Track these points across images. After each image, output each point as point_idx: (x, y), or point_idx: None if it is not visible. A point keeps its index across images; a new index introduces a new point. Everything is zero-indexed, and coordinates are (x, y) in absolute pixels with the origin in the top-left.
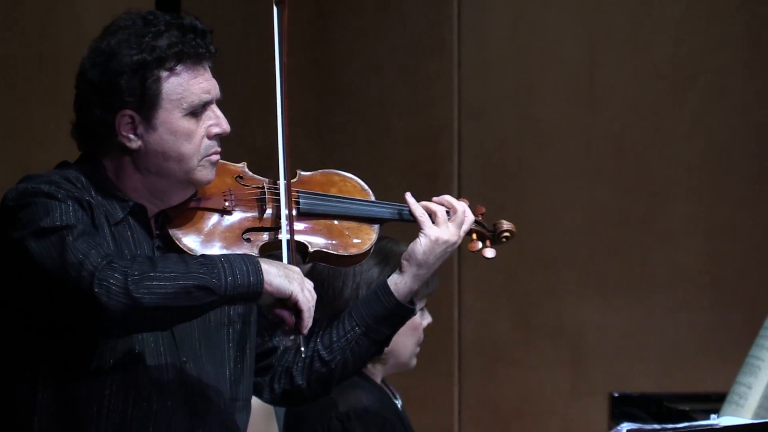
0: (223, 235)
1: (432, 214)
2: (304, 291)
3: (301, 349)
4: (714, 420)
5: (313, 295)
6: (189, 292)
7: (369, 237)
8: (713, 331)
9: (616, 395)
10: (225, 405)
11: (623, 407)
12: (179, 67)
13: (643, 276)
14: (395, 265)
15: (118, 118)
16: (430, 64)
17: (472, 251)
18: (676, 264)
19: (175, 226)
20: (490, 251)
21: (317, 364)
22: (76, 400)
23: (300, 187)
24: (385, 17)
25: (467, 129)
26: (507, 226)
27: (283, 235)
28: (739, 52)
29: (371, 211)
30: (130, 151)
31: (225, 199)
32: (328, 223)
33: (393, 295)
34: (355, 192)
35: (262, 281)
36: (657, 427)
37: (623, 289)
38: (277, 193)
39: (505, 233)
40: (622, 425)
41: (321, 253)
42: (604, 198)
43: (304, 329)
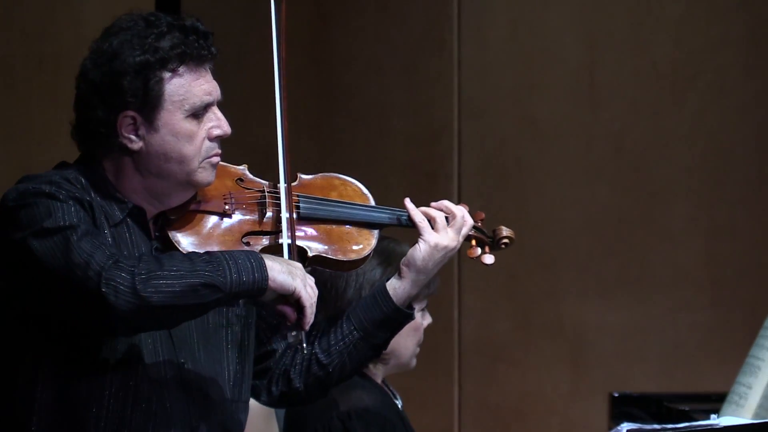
0: (222, 238)
1: (431, 220)
2: (307, 287)
3: (303, 345)
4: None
5: (315, 291)
6: (196, 290)
7: (368, 242)
8: (713, 331)
9: (616, 395)
10: (223, 406)
11: (623, 407)
12: (182, 69)
13: (643, 276)
14: (398, 266)
15: (119, 118)
16: (430, 64)
17: (471, 257)
18: (676, 264)
19: (175, 229)
20: (489, 257)
21: (315, 368)
22: (76, 400)
23: (300, 191)
24: (385, 17)
25: (467, 129)
26: (506, 232)
27: (284, 239)
28: (739, 52)
29: (371, 217)
30: (131, 152)
31: (225, 202)
32: (328, 227)
33: (391, 300)
34: (355, 196)
35: (267, 278)
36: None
37: (623, 289)
38: (278, 196)
39: (505, 239)
40: (622, 425)
41: (320, 258)
42: (604, 198)
43: (306, 325)
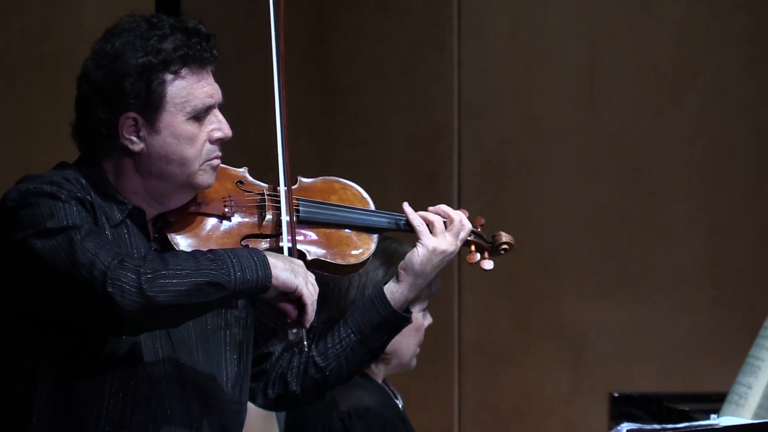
0: (221, 241)
1: (429, 224)
2: (308, 285)
3: (304, 342)
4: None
5: (316, 288)
6: (201, 288)
7: (367, 247)
8: (713, 331)
9: (616, 395)
10: (222, 407)
11: (623, 407)
12: (184, 71)
13: (643, 276)
14: None
15: (121, 120)
16: (430, 64)
17: (471, 263)
18: (676, 264)
19: (174, 230)
20: (488, 263)
21: (312, 370)
22: (76, 400)
23: (300, 194)
24: (385, 17)
25: (467, 129)
26: (506, 238)
27: (284, 242)
28: (739, 52)
29: (370, 221)
30: (132, 154)
31: (225, 205)
32: (327, 231)
33: (389, 304)
34: (355, 200)
35: (270, 275)
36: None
37: (623, 289)
38: (278, 199)
39: (504, 245)
40: (622, 425)
41: (319, 262)
42: (604, 198)
43: (307, 323)
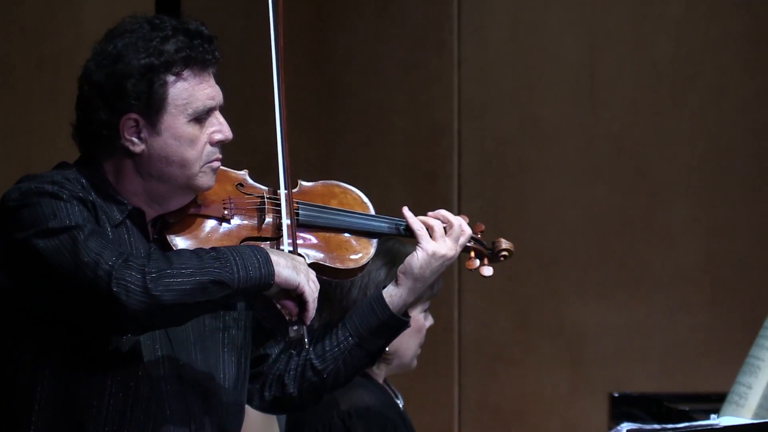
0: (220, 243)
1: (429, 229)
2: (310, 282)
3: (305, 339)
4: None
5: (317, 285)
6: (205, 287)
7: (367, 251)
8: (713, 331)
9: (616, 395)
10: (221, 408)
11: (623, 407)
12: (186, 73)
13: (643, 276)
14: None
15: (122, 121)
16: (430, 64)
17: (470, 269)
18: (676, 264)
19: (173, 232)
20: (487, 269)
21: (309, 373)
22: (76, 400)
23: (300, 198)
24: (385, 17)
25: (467, 129)
26: (506, 245)
27: (285, 246)
28: (739, 52)
29: (370, 226)
30: (133, 155)
31: (224, 207)
32: (327, 235)
33: (387, 307)
34: (355, 205)
35: (273, 273)
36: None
37: (623, 289)
38: (278, 202)
39: (504, 252)
40: (622, 425)
41: (318, 266)
42: (604, 198)
43: (308, 320)
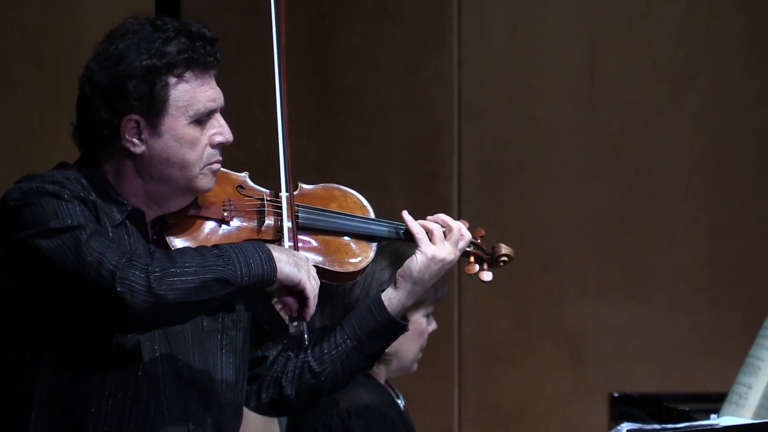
0: None
1: (429, 232)
2: (311, 279)
3: (305, 336)
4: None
5: (318, 282)
6: (209, 285)
7: (366, 255)
8: (713, 331)
9: (616, 395)
10: (218, 409)
11: (623, 407)
12: (187, 74)
13: (643, 276)
14: None
15: (123, 122)
16: (430, 64)
17: (469, 274)
18: (676, 264)
19: (173, 233)
20: (487, 274)
21: (307, 375)
22: (75, 400)
23: (300, 200)
24: (385, 17)
25: (467, 129)
26: (506, 250)
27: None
28: (739, 52)
29: (370, 229)
30: (133, 156)
31: (224, 209)
32: (326, 238)
33: (386, 310)
34: (355, 208)
35: (275, 270)
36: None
37: (623, 289)
38: (277, 205)
39: (503, 257)
40: (622, 425)
41: (317, 269)
42: (604, 198)
43: (308, 316)
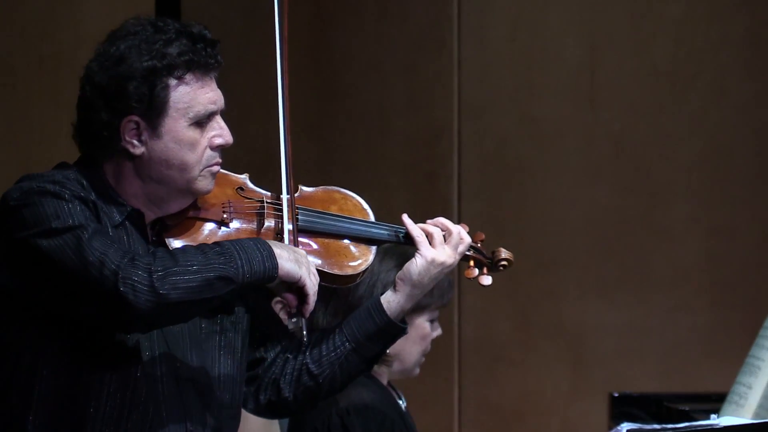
0: None
1: (429, 236)
2: (311, 275)
3: (304, 333)
4: (714, 420)
5: (318, 278)
6: (211, 283)
7: (366, 258)
8: (713, 331)
9: (616, 395)
10: (216, 411)
11: (623, 407)
12: (188, 76)
13: (643, 276)
14: None
15: (123, 123)
16: (430, 64)
17: (469, 278)
18: (676, 264)
19: (172, 235)
20: (486, 278)
21: (305, 378)
22: (74, 400)
23: (300, 203)
24: (385, 17)
25: (467, 129)
26: (505, 254)
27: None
28: (739, 52)
29: (370, 233)
30: (133, 157)
31: (224, 211)
32: (326, 241)
33: (385, 313)
34: (355, 211)
35: (277, 266)
36: (657, 427)
37: (623, 289)
38: (277, 207)
39: (503, 262)
40: (622, 425)
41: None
42: (604, 198)
43: (308, 312)
